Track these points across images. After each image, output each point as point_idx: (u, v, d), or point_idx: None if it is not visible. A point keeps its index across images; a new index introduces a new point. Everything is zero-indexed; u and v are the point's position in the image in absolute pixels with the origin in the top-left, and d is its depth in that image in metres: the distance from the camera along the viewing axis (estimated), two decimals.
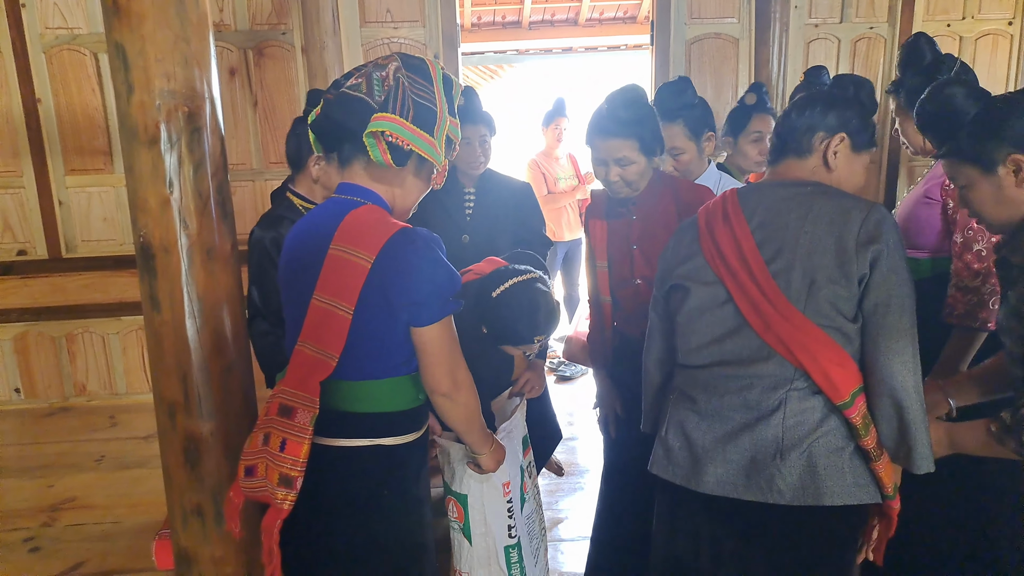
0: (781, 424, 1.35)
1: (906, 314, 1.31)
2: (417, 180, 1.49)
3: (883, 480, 1.34)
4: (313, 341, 1.38)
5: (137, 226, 1.61)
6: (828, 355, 1.32)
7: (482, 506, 1.78)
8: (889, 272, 1.32)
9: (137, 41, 1.50)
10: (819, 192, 1.43)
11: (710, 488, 1.40)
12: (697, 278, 1.49)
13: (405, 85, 1.37)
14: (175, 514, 1.74)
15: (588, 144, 1.99)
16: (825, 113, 1.47)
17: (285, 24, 4.04)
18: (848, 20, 4.19)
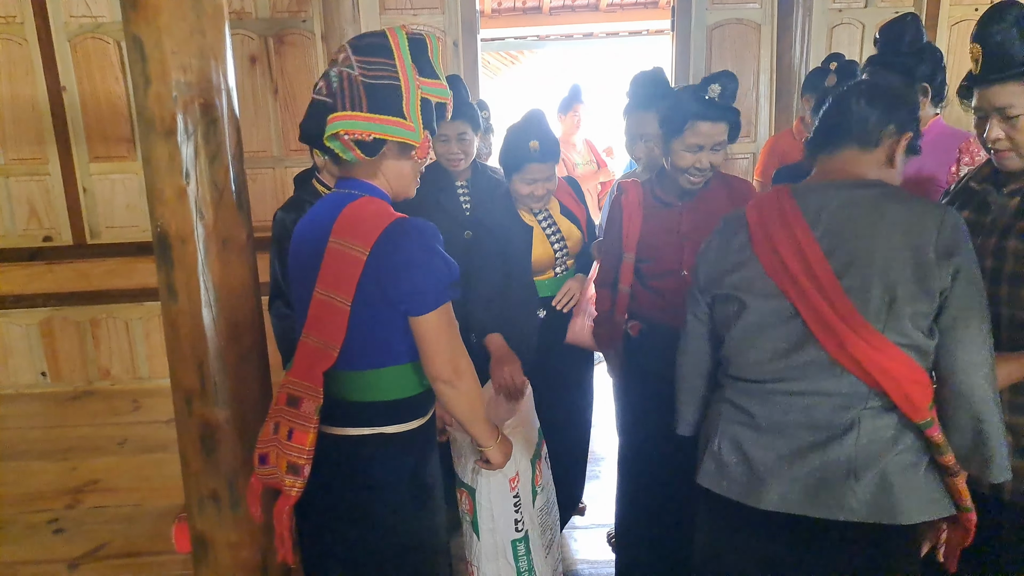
0: (855, 444, 1.30)
1: (985, 324, 1.26)
2: (404, 161, 1.47)
3: (962, 493, 1.31)
4: (315, 333, 1.41)
5: (154, 216, 1.63)
6: (907, 375, 1.27)
7: (489, 501, 1.80)
8: (968, 284, 1.26)
9: (153, 33, 1.52)
10: (888, 195, 1.33)
11: (773, 505, 1.34)
12: (755, 290, 1.39)
13: (353, 74, 1.34)
14: (191, 499, 1.78)
15: (683, 128, 1.90)
16: (899, 106, 1.38)
17: (305, 12, 4.05)
18: (873, 4, 4.10)
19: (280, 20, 4.04)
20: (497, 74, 10.16)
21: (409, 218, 1.40)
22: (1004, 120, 1.44)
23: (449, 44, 4.17)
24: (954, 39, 4.16)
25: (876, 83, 1.44)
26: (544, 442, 2.01)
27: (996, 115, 1.45)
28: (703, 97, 1.89)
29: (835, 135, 1.42)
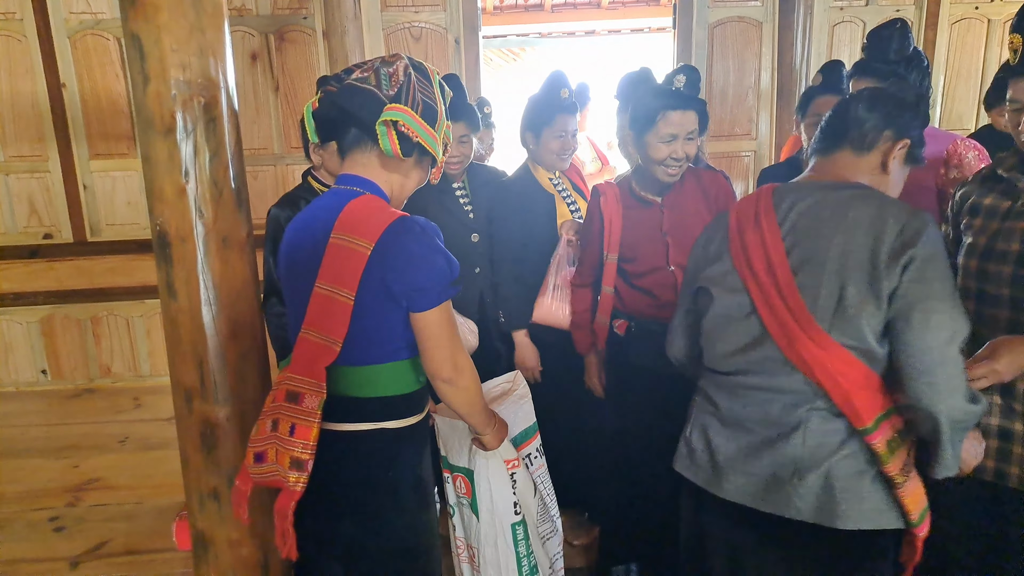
0: (802, 444, 1.31)
1: (941, 331, 1.21)
2: (416, 171, 1.53)
3: (907, 507, 1.27)
4: (317, 328, 1.41)
5: (154, 215, 1.63)
6: (853, 378, 1.26)
7: (488, 482, 1.80)
8: (911, 283, 1.22)
9: (152, 31, 1.51)
10: (860, 196, 1.32)
11: (731, 496, 1.38)
12: (723, 284, 1.43)
13: (414, 81, 1.42)
14: (192, 497, 1.78)
15: (655, 120, 1.93)
16: (898, 114, 1.38)
17: (306, 9, 4.04)
18: (874, 3, 4.10)
19: (281, 17, 4.04)
20: (499, 71, 10.15)
21: (412, 216, 1.42)
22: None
23: (451, 41, 4.17)
24: (954, 37, 4.15)
25: (883, 90, 1.45)
26: (539, 435, 2.00)
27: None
28: (670, 89, 1.96)
29: (832, 137, 1.43)
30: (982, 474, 1.57)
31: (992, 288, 1.52)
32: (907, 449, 1.30)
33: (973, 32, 4.15)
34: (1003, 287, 1.50)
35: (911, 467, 1.29)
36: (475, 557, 1.88)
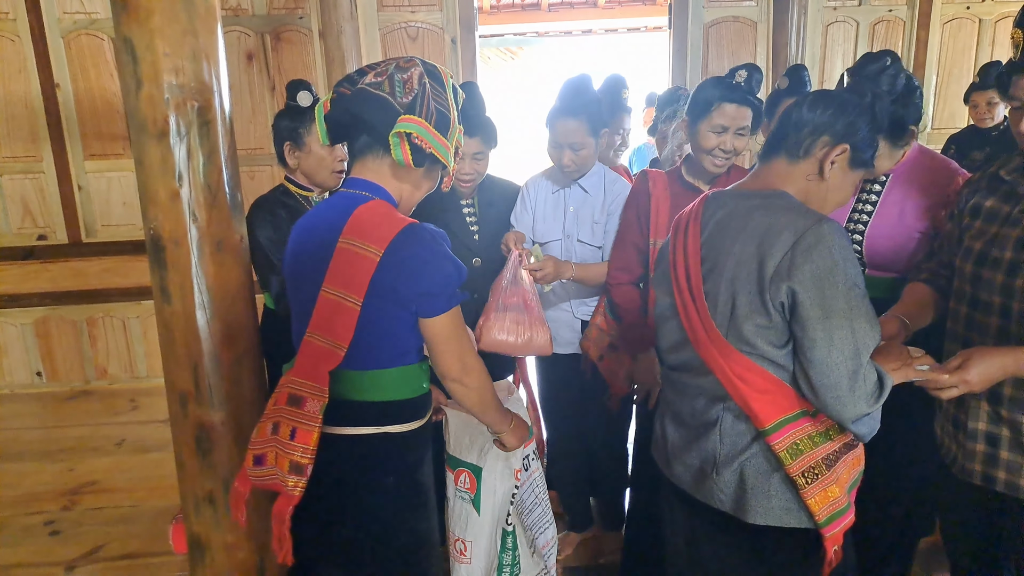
0: (718, 440, 1.37)
1: (835, 348, 1.23)
2: (427, 180, 1.53)
3: (811, 508, 1.30)
4: (322, 332, 1.40)
5: (147, 218, 1.63)
6: (754, 382, 1.30)
7: (494, 482, 1.82)
8: (808, 300, 1.23)
9: (145, 35, 1.50)
10: (767, 207, 1.33)
11: (677, 481, 1.47)
12: (661, 285, 1.50)
13: (429, 90, 1.41)
14: (187, 501, 1.78)
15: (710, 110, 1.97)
16: (836, 117, 1.36)
17: (302, 9, 4.04)
18: (867, 3, 4.11)
19: (277, 17, 4.03)
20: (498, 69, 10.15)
21: (422, 223, 1.42)
22: None
23: (447, 41, 4.17)
24: (946, 37, 4.17)
25: (827, 92, 1.42)
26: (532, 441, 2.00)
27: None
28: (730, 82, 1.97)
29: (772, 143, 1.42)
30: (971, 478, 1.57)
31: (984, 294, 1.51)
32: (822, 454, 1.31)
33: (965, 32, 4.17)
34: (994, 294, 1.49)
35: (822, 471, 1.30)
36: (466, 550, 1.89)
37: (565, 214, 2.28)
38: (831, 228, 1.25)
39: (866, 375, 1.24)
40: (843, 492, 1.33)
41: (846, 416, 1.26)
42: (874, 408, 1.26)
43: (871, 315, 1.26)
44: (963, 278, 1.57)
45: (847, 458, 1.35)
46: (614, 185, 2.28)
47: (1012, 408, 1.49)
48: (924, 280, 1.74)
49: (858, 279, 1.26)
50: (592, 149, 2.19)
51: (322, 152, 2.13)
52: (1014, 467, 1.50)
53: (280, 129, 2.16)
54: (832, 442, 1.33)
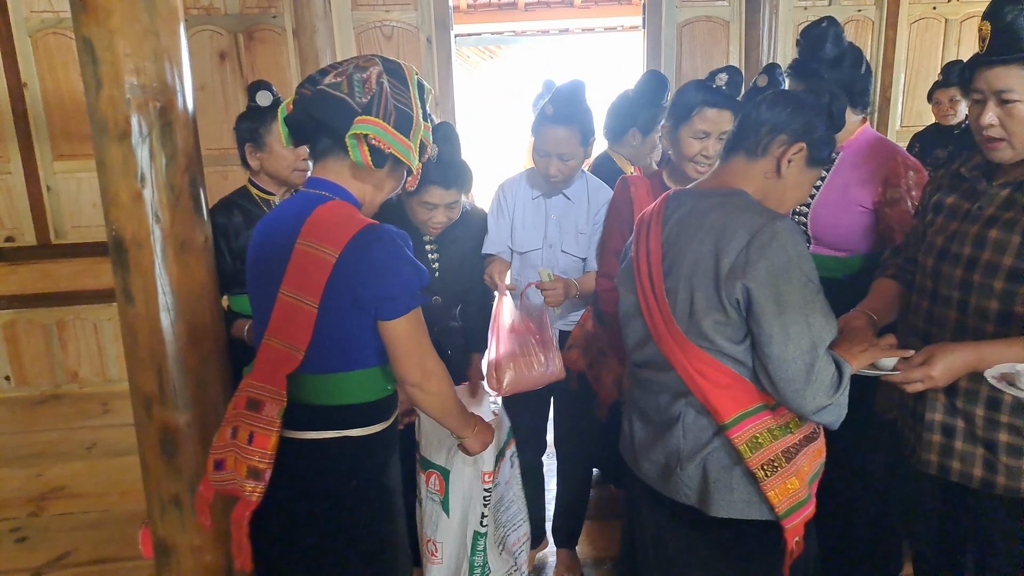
0: (682, 436, 1.39)
1: (791, 343, 1.25)
2: (390, 180, 1.50)
3: (771, 501, 1.33)
4: (280, 335, 1.39)
5: (109, 220, 1.62)
6: (714, 377, 1.32)
7: (462, 484, 1.83)
8: (764, 297, 1.26)
9: (105, 35, 1.49)
10: (721, 204, 1.36)
11: (643, 477, 1.49)
12: (623, 283, 1.52)
13: (387, 90, 1.39)
14: (153, 505, 1.77)
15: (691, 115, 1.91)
16: (794, 116, 1.39)
17: (276, 7, 4.01)
18: (837, 3, 4.18)
19: (250, 16, 4.00)
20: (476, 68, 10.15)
21: (380, 224, 1.40)
22: (1000, 105, 1.41)
23: (422, 40, 4.16)
24: (914, 36, 4.24)
25: (784, 92, 1.45)
26: (512, 442, 2.02)
27: (993, 98, 1.42)
28: (710, 86, 1.93)
29: (732, 143, 1.44)
30: (928, 468, 1.60)
31: (944, 289, 1.54)
32: (781, 447, 1.34)
33: (931, 31, 4.24)
34: (953, 289, 1.52)
35: (782, 464, 1.33)
36: (437, 552, 1.89)
37: (547, 222, 2.20)
38: (785, 225, 1.28)
39: (823, 368, 1.26)
40: (803, 484, 1.35)
41: (807, 408, 1.28)
42: (834, 399, 1.29)
43: (826, 309, 1.29)
44: (924, 273, 1.60)
45: (807, 450, 1.38)
46: (598, 193, 2.22)
47: (967, 400, 1.52)
48: (891, 276, 1.78)
49: (812, 275, 1.29)
50: (580, 159, 2.12)
51: (284, 151, 2.10)
52: (968, 457, 1.54)
53: (241, 131, 2.13)
54: (792, 435, 1.36)
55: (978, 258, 1.48)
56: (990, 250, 1.46)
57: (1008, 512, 1.53)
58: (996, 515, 1.55)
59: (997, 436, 1.49)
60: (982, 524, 1.59)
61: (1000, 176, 1.50)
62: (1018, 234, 1.42)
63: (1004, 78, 1.39)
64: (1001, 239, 1.45)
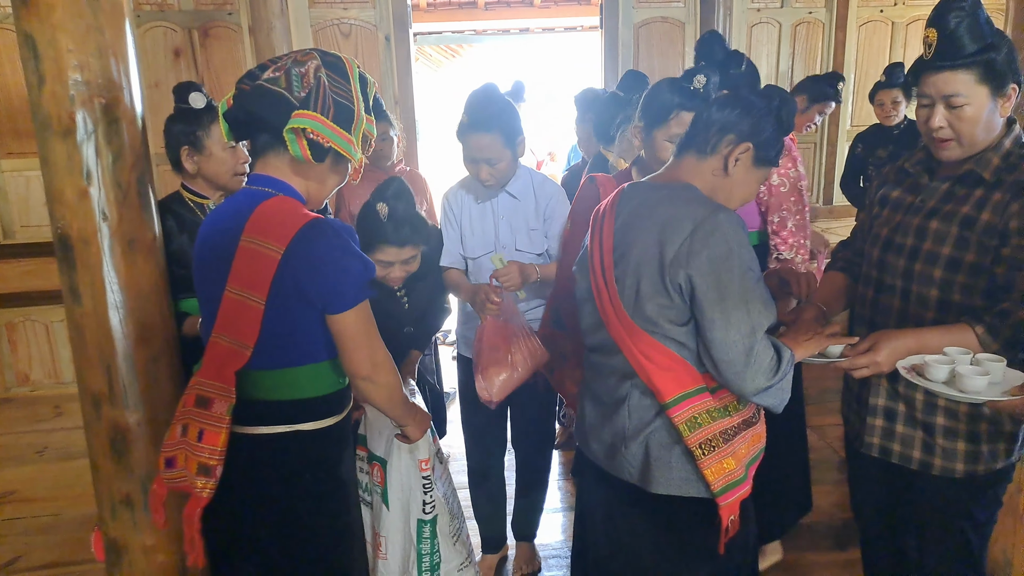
0: (627, 415, 1.45)
1: (732, 328, 1.31)
2: (333, 174, 1.50)
3: (708, 479, 1.38)
4: (227, 332, 1.39)
5: (55, 218, 1.60)
6: (657, 359, 1.38)
7: (399, 474, 1.84)
8: (705, 284, 1.32)
9: (47, 31, 1.48)
10: (673, 198, 1.42)
11: (593, 458, 1.55)
12: (580, 269, 1.57)
13: (325, 83, 1.39)
14: (103, 505, 1.75)
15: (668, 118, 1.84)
16: (743, 117, 1.43)
17: (231, 4, 3.98)
18: (788, 5, 4.28)
19: (205, 12, 3.96)
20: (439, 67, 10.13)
21: (325, 218, 1.40)
22: (949, 109, 1.47)
23: (381, 39, 4.16)
24: (862, 39, 4.38)
25: (735, 94, 1.49)
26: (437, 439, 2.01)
27: (941, 102, 1.48)
28: (688, 88, 1.86)
29: (685, 141, 1.50)
30: (871, 451, 1.68)
31: (888, 278, 1.61)
32: (719, 428, 1.39)
33: (879, 34, 4.38)
34: (897, 278, 1.60)
35: (719, 444, 1.39)
36: (381, 546, 1.90)
37: (496, 224, 2.19)
38: (727, 217, 1.34)
39: (762, 351, 1.32)
40: (740, 465, 1.41)
41: (747, 389, 1.34)
42: (773, 381, 1.34)
43: (765, 296, 1.35)
44: (870, 264, 1.68)
45: (746, 435, 1.44)
46: (543, 187, 2.21)
47: (908, 385, 1.59)
48: (840, 269, 1.85)
49: (752, 264, 1.35)
50: (510, 160, 2.09)
51: (223, 155, 2.04)
52: (908, 440, 1.62)
53: (175, 134, 2.04)
54: (731, 418, 1.42)
55: (919, 248, 1.55)
56: (930, 240, 1.54)
57: (943, 492, 1.61)
58: (933, 495, 1.63)
59: (935, 419, 1.57)
60: (921, 504, 1.67)
61: (942, 171, 1.57)
62: (956, 225, 1.50)
63: (951, 83, 1.45)
64: (940, 230, 1.52)
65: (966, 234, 1.48)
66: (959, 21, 1.42)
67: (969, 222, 1.49)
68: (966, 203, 1.51)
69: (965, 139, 1.49)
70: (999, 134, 1.50)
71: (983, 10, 1.44)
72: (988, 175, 1.49)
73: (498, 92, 2.11)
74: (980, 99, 1.44)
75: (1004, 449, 1.56)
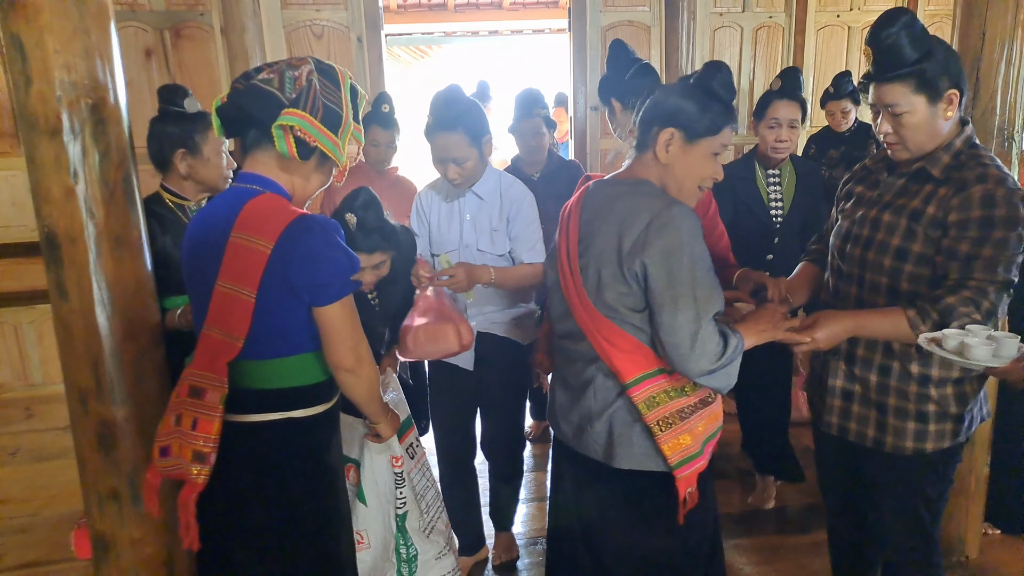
0: (593, 396, 1.55)
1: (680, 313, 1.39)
2: (318, 174, 1.57)
3: (665, 453, 1.48)
4: (219, 325, 1.45)
5: (41, 216, 1.62)
6: (618, 343, 1.47)
7: (373, 472, 1.90)
8: (658, 273, 1.40)
9: (34, 33, 1.51)
10: (632, 193, 1.51)
11: (563, 439, 1.65)
12: (551, 261, 1.66)
13: (316, 87, 1.46)
14: (90, 500, 1.77)
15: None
16: (657, 107, 1.52)
17: (203, 5, 3.97)
18: (750, 9, 4.41)
19: (176, 13, 3.95)
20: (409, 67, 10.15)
21: (312, 215, 1.47)
22: (891, 116, 1.59)
23: (353, 40, 4.18)
24: (820, 43, 4.54)
25: (659, 88, 1.57)
26: (412, 431, 2.06)
27: (885, 111, 1.60)
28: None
29: (636, 140, 1.58)
30: (830, 429, 1.79)
31: (847, 267, 1.73)
32: (676, 407, 1.48)
33: (836, 38, 4.54)
34: (854, 267, 1.71)
35: (676, 421, 1.48)
36: (363, 539, 1.95)
37: (461, 223, 2.24)
38: (680, 211, 1.43)
39: (707, 336, 1.40)
40: (696, 442, 1.50)
41: (691, 371, 1.42)
42: (717, 365, 1.42)
43: (712, 285, 1.43)
44: (833, 254, 1.80)
45: (703, 413, 1.52)
46: (510, 189, 2.24)
47: (863, 367, 1.71)
48: (811, 260, 1.97)
49: (703, 255, 1.43)
50: (476, 159, 2.12)
51: (217, 159, 2.10)
52: (863, 419, 1.73)
53: (167, 135, 2.05)
54: (687, 397, 1.50)
55: (873, 238, 1.67)
56: (882, 231, 1.65)
57: (895, 468, 1.72)
58: (887, 471, 1.74)
59: (887, 400, 1.69)
60: (876, 480, 1.78)
61: (899, 168, 1.69)
62: (905, 217, 1.61)
63: (890, 94, 1.57)
64: (892, 222, 1.64)
65: (914, 226, 1.60)
66: (892, 38, 1.53)
67: (916, 215, 1.60)
68: (916, 197, 1.62)
69: (909, 143, 1.60)
70: (951, 133, 1.60)
71: (917, 25, 1.55)
72: (937, 172, 1.60)
73: (461, 92, 2.14)
74: (918, 107, 1.55)
75: (951, 430, 1.67)
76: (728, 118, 1.51)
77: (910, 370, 1.66)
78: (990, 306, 1.51)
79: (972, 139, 1.63)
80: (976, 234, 1.51)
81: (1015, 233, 1.51)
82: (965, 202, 1.53)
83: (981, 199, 1.51)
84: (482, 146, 2.14)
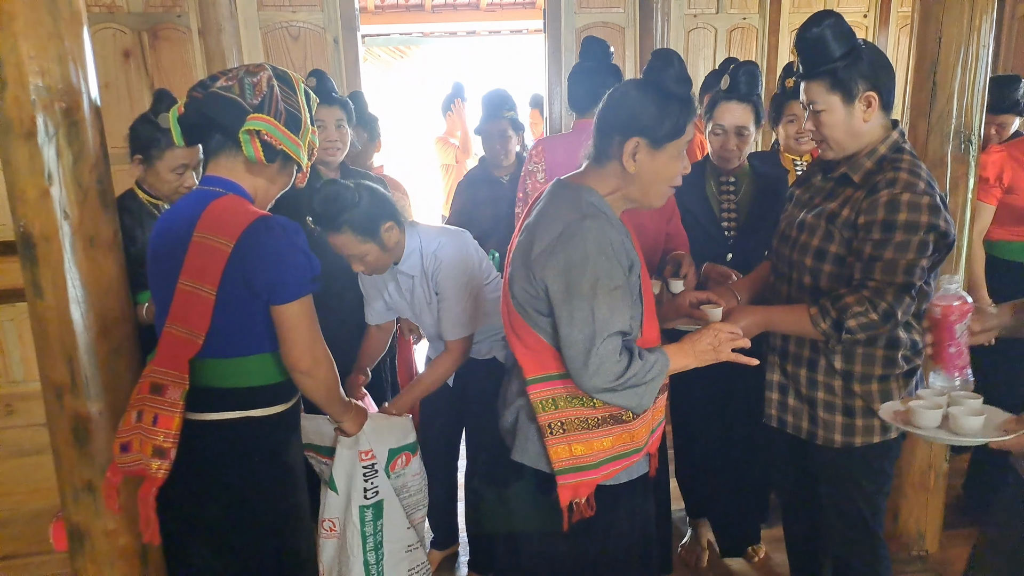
0: (510, 385, 1.60)
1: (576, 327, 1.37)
2: (281, 176, 1.62)
3: (550, 457, 1.48)
4: (180, 323, 1.49)
5: (16, 216, 1.67)
6: (526, 339, 1.49)
7: (342, 463, 1.95)
8: (559, 284, 1.38)
9: (8, 39, 1.55)
10: (565, 197, 1.47)
11: (500, 425, 1.64)
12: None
13: (277, 92, 1.51)
14: (66, 493, 1.81)
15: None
16: (614, 115, 1.45)
17: (180, 7, 4.00)
18: (723, 11, 4.49)
19: (154, 15, 3.98)
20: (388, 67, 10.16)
21: (272, 215, 1.51)
22: (813, 114, 1.66)
23: (329, 41, 4.23)
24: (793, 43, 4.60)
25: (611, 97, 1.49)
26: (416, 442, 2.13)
27: (809, 109, 1.66)
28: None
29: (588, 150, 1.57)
30: (771, 422, 1.86)
31: (781, 267, 1.80)
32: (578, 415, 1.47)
33: None
34: (785, 267, 1.78)
35: (573, 429, 1.47)
36: (335, 527, 2.01)
37: (407, 298, 2.18)
38: (592, 225, 1.40)
39: (605, 354, 1.37)
40: (592, 454, 1.47)
41: (585, 386, 1.40)
42: (615, 384, 1.38)
43: (615, 305, 1.39)
44: (772, 255, 1.86)
45: (612, 430, 1.49)
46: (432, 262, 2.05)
47: (794, 363, 1.79)
48: (768, 259, 2.03)
49: (611, 272, 1.39)
50: (378, 251, 1.95)
51: (169, 176, 2.16)
52: (798, 412, 1.80)
53: (135, 136, 2.17)
54: (593, 410, 1.47)
55: (798, 239, 1.74)
56: (806, 232, 1.72)
57: (830, 461, 1.79)
58: (822, 464, 1.82)
59: (816, 394, 1.75)
60: (814, 472, 1.85)
61: (833, 172, 1.75)
62: (824, 219, 1.68)
63: (809, 92, 1.65)
64: (813, 223, 1.71)
65: (831, 228, 1.66)
66: (811, 40, 1.60)
67: (832, 217, 1.66)
68: (835, 200, 1.68)
69: (830, 142, 1.67)
70: (876, 137, 1.65)
71: (842, 26, 1.60)
72: (857, 178, 1.65)
73: (342, 186, 1.91)
74: (833, 106, 1.61)
75: (879, 426, 1.71)
76: (690, 114, 1.44)
77: (834, 365, 1.71)
78: (887, 307, 1.53)
79: (898, 144, 1.65)
80: (878, 236, 1.56)
81: (917, 237, 1.54)
82: (871, 206, 1.58)
83: (886, 203, 1.56)
84: (379, 236, 1.93)
